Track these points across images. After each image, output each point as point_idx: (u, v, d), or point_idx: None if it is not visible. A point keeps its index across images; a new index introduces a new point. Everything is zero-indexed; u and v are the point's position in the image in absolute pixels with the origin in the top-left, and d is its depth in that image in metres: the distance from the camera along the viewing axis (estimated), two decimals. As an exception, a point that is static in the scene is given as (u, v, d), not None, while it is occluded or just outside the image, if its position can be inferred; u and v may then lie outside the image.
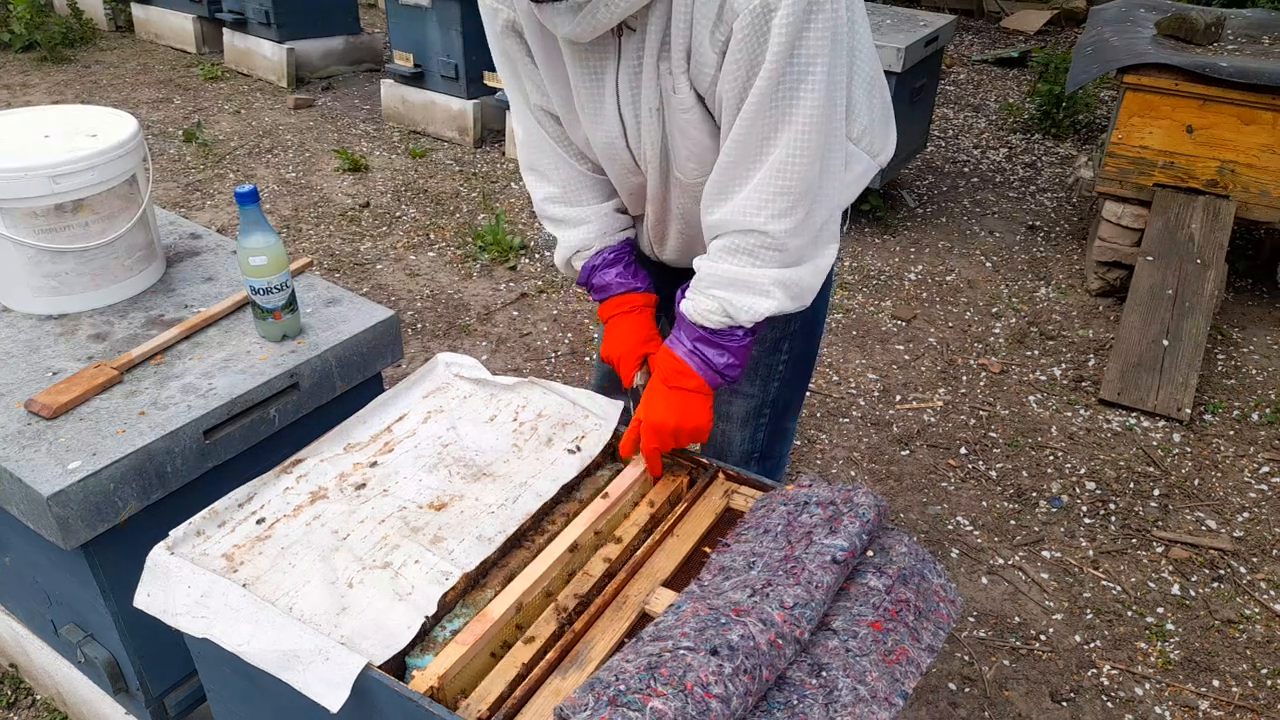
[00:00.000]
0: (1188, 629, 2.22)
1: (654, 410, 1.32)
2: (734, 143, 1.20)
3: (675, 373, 1.32)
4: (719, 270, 1.28)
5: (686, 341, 1.31)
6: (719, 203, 1.26)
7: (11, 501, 1.36)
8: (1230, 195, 3.31)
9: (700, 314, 1.29)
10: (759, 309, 1.27)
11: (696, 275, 1.31)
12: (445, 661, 1.06)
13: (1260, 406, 2.97)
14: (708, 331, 1.30)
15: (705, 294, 1.29)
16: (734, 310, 1.27)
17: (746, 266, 1.26)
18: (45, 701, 1.95)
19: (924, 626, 1.14)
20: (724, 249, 1.27)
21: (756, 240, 1.25)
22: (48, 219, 1.58)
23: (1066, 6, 7.06)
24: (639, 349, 1.45)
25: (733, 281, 1.27)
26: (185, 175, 4.49)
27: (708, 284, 1.29)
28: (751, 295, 1.27)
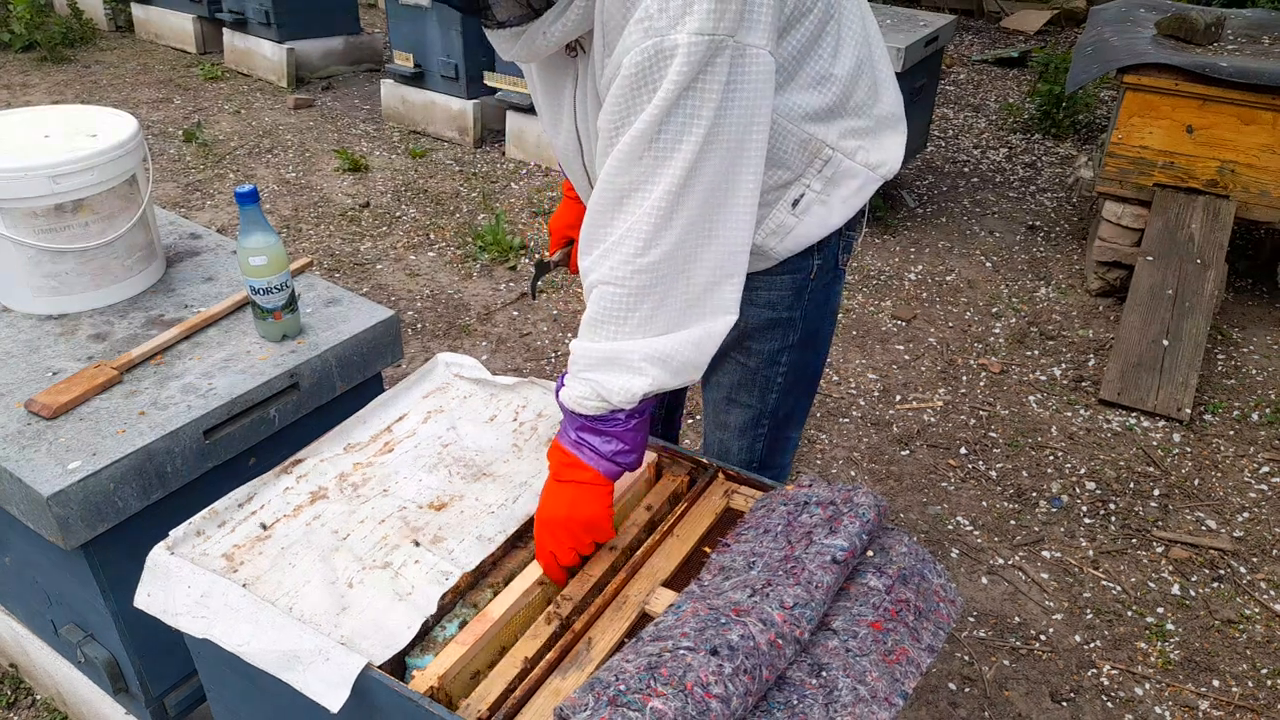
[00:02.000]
0: (1188, 629, 2.22)
1: (544, 505, 1.22)
2: (602, 187, 1.13)
3: (564, 465, 1.22)
4: (588, 350, 1.19)
5: (571, 432, 1.22)
6: (587, 250, 1.18)
7: (11, 501, 1.36)
8: (1230, 195, 3.31)
9: (576, 401, 1.20)
10: (634, 389, 1.16)
11: (571, 357, 1.23)
12: (445, 661, 1.06)
13: (1260, 406, 2.97)
14: (588, 419, 1.20)
15: (578, 378, 1.20)
16: (607, 393, 1.17)
17: (613, 339, 1.17)
18: (45, 701, 1.95)
19: (924, 626, 1.14)
20: (589, 321, 1.19)
21: (616, 298, 1.15)
22: (48, 219, 1.58)
23: (1066, 6, 7.06)
24: (567, 231, 1.65)
25: (602, 360, 1.17)
26: (185, 175, 4.49)
27: (579, 367, 1.20)
28: (624, 374, 1.17)
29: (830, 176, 1.35)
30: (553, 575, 1.21)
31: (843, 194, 1.37)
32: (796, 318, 1.46)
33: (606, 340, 1.17)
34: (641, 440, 1.23)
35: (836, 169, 1.34)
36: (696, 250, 1.14)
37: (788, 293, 1.43)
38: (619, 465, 1.22)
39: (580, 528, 1.21)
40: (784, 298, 1.44)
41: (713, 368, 1.59)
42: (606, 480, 1.22)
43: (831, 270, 1.45)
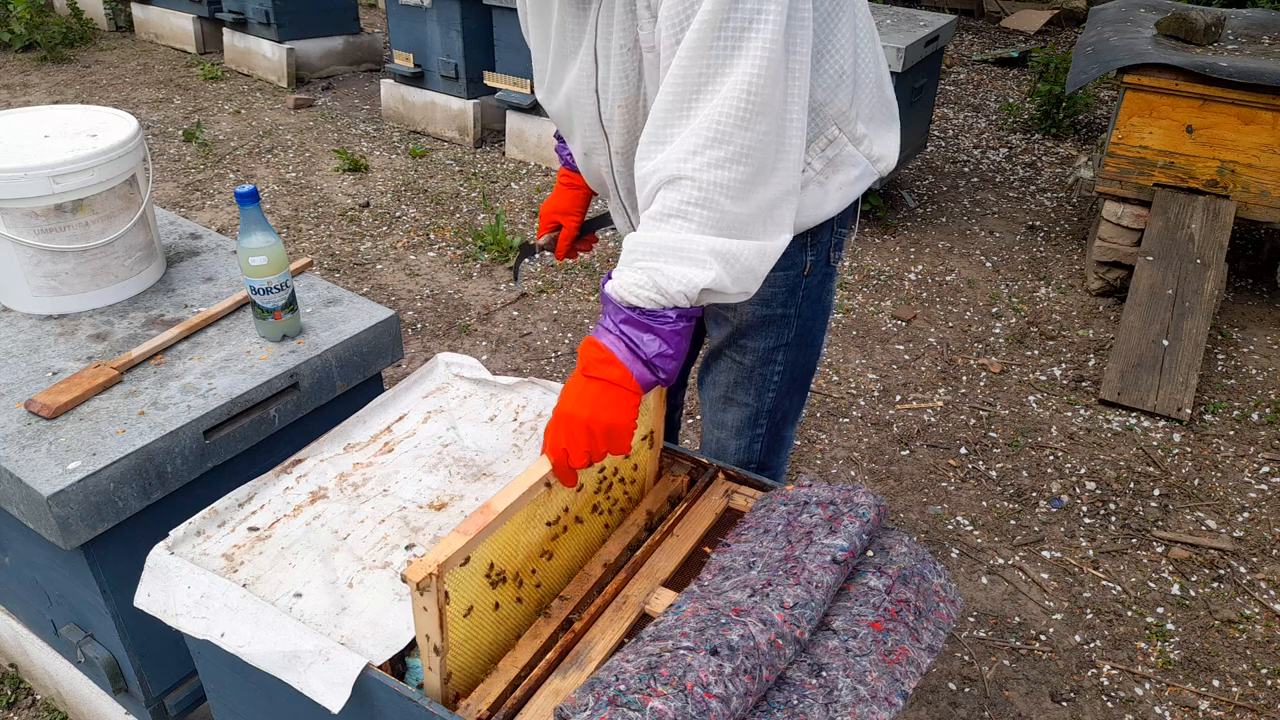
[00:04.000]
0: (1188, 629, 2.22)
1: (566, 399, 1.12)
2: (671, 82, 1.08)
3: (597, 360, 1.12)
4: (648, 239, 1.12)
5: (612, 324, 1.12)
6: (651, 152, 1.13)
7: (11, 501, 1.36)
8: (1230, 195, 3.31)
9: (626, 289, 1.11)
10: (694, 280, 1.09)
11: (624, 250, 1.15)
12: (445, 551, 0.98)
13: (1260, 406, 2.97)
14: (635, 312, 1.11)
15: (632, 267, 1.11)
16: (665, 281, 1.09)
17: (679, 231, 1.10)
18: (45, 701, 1.95)
19: (924, 626, 1.14)
20: (654, 215, 1.12)
21: (687, 194, 1.09)
22: (48, 219, 1.58)
23: (1066, 6, 7.06)
24: (556, 216, 1.67)
25: (664, 249, 1.10)
26: (185, 175, 4.49)
27: (635, 255, 1.12)
28: (686, 265, 1.09)
29: (832, 158, 1.35)
30: (561, 474, 1.11)
31: (840, 180, 1.37)
32: (791, 315, 1.46)
33: (671, 232, 1.10)
34: (683, 351, 1.14)
35: (839, 152, 1.34)
36: (778, 154, 1.10)
37: (781, 289, 1.44)
38: (656, 371, 1.12)
39: (601, 431, 1.10)
40: (778, 294, 1.44)
41: (709, 367, 1.60)
42: (638, 386, 1.12)
43: (824, 267, 1.46)
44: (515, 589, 1.14)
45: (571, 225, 1.68)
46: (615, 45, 1.20)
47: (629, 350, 1.11)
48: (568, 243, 1.70)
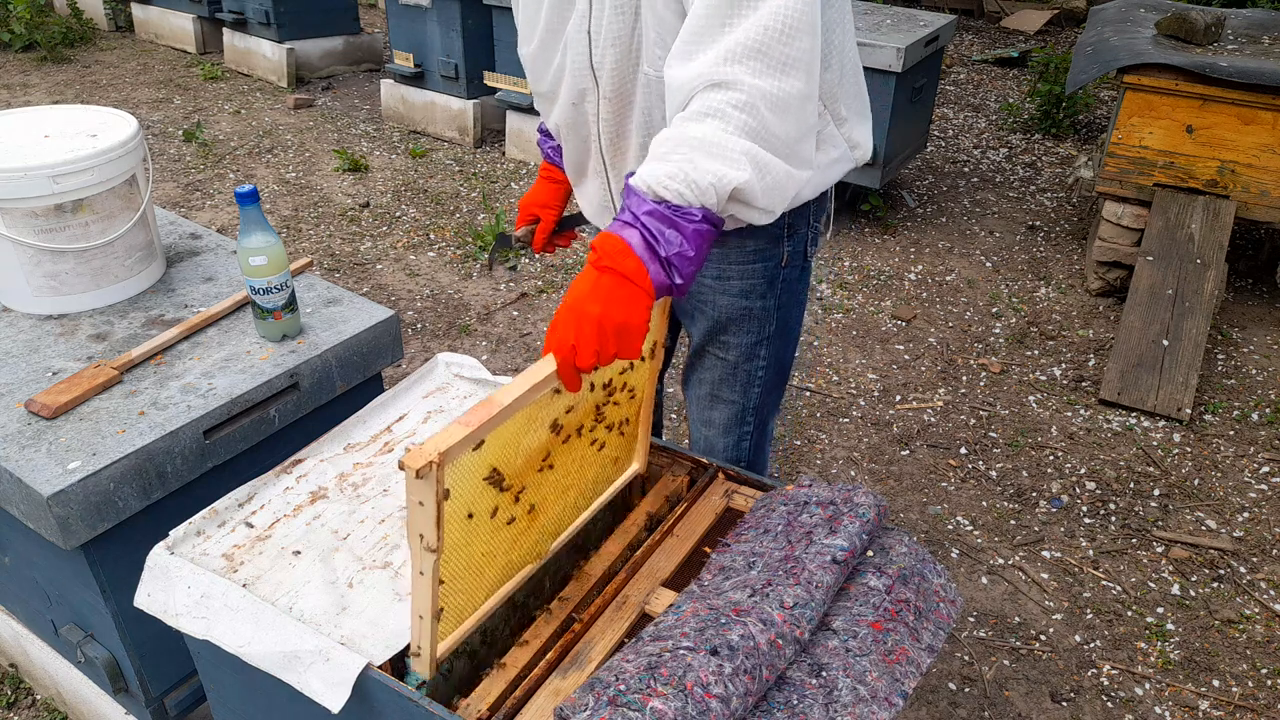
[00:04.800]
0: (1188, 629, 2.22)
1: (575, 292, 1.03)
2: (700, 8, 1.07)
3: (613, 252, 1.03)
4: (682, 132, 1.06)
5: (632, 216, 1.05)
6: (682, 61, 1.09)
7: (11, 501, 1.36)
8: (1230, 195, 3.31)
9: (655, 179, 1.04)
10: (727, 177, 1.04)
11: (654, 145, 1.09)
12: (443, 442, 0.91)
13: (1260, 406, 2.97)
14: (662, 205, 1.04)
15: (663, 159, 1.05)
16: (698, 174, 1.03)
17: (716, 130, 1.05)
18: (45, 701, 1.95)
19: (924, 626, 1.14)
20: (690, 115, 1.08)
21: (731, 96, 1.05)
22: (48, 219, 1.58)
23: (1066, 6, 7.06)
24: (535, 209, 1.70)
25: (699, 143, 1.05)
26: (185, 175, 4.49)
27: (667, 148, 1.06)
28: (720, 162, 1.04)
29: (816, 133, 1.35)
30: (565, 375, 1.02)
31: (821, 159, 1.38)
32: (771, 307, 1.48)
33: (708, 129, 1.06)
34: (702, 259, 1.06)
35: (823, 128, 1.35)
36: (810, 76, 1.08)
37: (760, 281, 1.45)
38: (672, 273, 1.04)
39: (612, 330, 1.01)
40: (757, 286, 1.46)
41: (693, 366, 1.61)
42: (652, 285, 1.03)
43: (801, 261, 1.48)
44: (511, 504, 1.08)
45: (550, 218, 1.70)
46: None
47: (648, 246, 1.03)
48: (545, 235, 1.71)
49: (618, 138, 1.38)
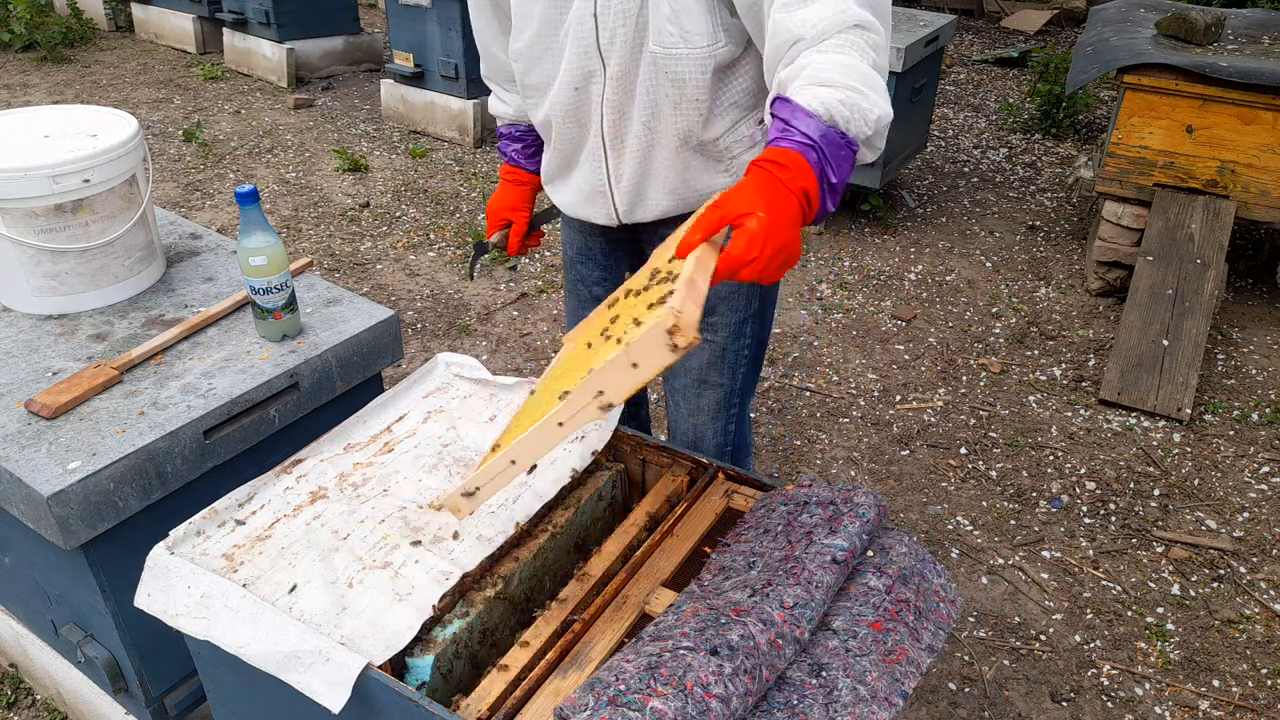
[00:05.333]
0: (1188, 629, 2.22)
1: (775, 209, 0.99)
2: None
3: (798, 172, 1.01)
4: (841, 60, 1.07)
5: (806, 136, 1.02)
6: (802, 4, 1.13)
7: (11, 501, 1.36)
8: (1230, 195, 3.31)
9: (830, 104, 1.03)
10: (886, 112, 1.06)
11: (807, 70, 1.08)
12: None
13: (1260, 406, 2.97)
14: (834, 129, 1.04)
15: (830, 85, 1.05)
16: (868, 104, 1.04)
17: (869, 65, 1.08)
18: (45, 701, 1.95)
19: (924, 626, 1.14)
20: (837, 47, 1.09)
21: (868, 38, 1.10)
22: (48, 219, 1.58)
23: (1066, 6, 7.06)
24: (505, 213, 1.74)
25: (864, 76, 1.06)
26: (185, 175, 4.49)
27: (832, 72, 1.06)
28: (880, 94, 1.06)
29: None
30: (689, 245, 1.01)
31: None
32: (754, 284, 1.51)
33: (864, 63, 1.09)
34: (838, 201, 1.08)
35: None
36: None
37: None
38: (825, 201, 1.05)
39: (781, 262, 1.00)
40: None
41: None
42: (810, 212, 1.03)
43: None
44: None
45: (521, 221, 1.74)
46: None
47: (819, 169, 1.03)
48: (519, 238, 1.76)
49: (620, 119, 1.42)
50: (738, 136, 1.44)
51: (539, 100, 1.50)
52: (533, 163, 1.72)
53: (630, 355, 0.94)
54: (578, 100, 1.44)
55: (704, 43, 1.32)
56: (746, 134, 1.44)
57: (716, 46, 1.32)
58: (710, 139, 1.43)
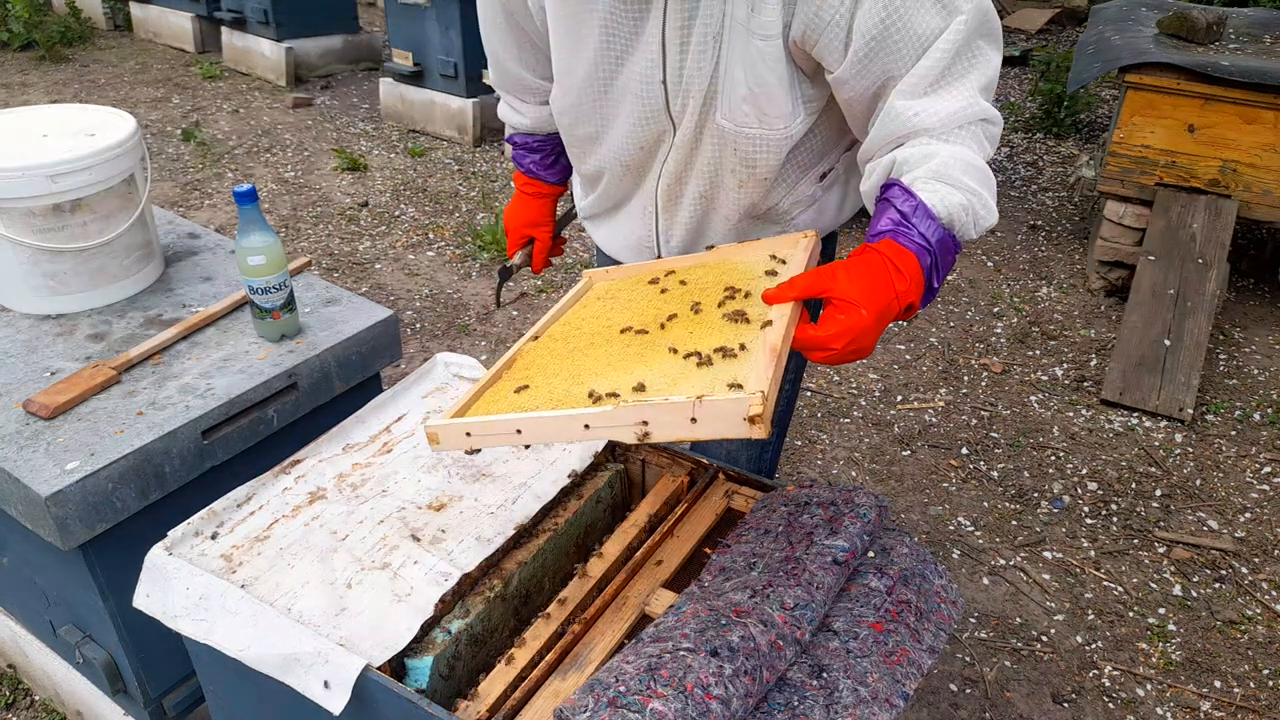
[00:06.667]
0: (1189, 630, 2.21)
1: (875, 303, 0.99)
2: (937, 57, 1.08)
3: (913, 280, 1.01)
4: (964, 155, 1.05)
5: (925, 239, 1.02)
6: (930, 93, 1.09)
7: (10, 502, 1.36)
8: (1232, 195, 3.31)
9: (953, 208, 1.03)
10: (994, 220, 1.07)
11: (930, 160, 1.06)
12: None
13: (1262, 406, 2.97)
14: (949, 234, 1.03)
15: (955, 184, 1.04)
16: (984, 211, 1.04)
17: (984, 157, 1.07)
18: (44, 702, 1.95)
19: (925, 627, 1.14)
20: (960, 136, 1.08)
21: (992, 131, 1.09)
22: (46, 219, 1.57)
23: (1067, 5, 7.05)
24: (526, 229, 1.63)
25: (980, 171, 1.05)
26: (183, 175, 4.48)
27: (957, 169, 1.04)
28: (992, 197, 1.06)
29: (851, 164, 1.37)
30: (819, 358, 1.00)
31: (854, 184, 1.40)
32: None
33: (983, 160, 1.07)
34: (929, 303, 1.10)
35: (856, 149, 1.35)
36: None
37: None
38: (918, 308, 1.05)
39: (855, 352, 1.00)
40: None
41: None
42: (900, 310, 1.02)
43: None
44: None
45: (545, 236, 1.64)
46: (697, 34, 1.15)
47: (926, 274, 1.03)
48: (544, 255, 1.67)
49: (677, 183, 1.33)
50: (797, 198, 1.36)
51: (587, 150, 1.40)
52: (552, 173, 1.60)
53: (695, 410, 0.90)
54: (642, 159, 1.35)
55: (782, 125, 1.20)
56: (806, 194, 1.36)
57: (794, 125, 1.21)
58: (770, 206, 1.35)
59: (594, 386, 1.03)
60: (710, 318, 1.11)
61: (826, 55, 1.12)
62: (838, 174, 1.38)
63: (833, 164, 1.36)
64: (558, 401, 1.03)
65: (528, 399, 1.07)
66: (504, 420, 1.01)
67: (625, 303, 1.26)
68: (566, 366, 1.12)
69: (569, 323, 1.26)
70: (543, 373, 1.13)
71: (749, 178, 1.27)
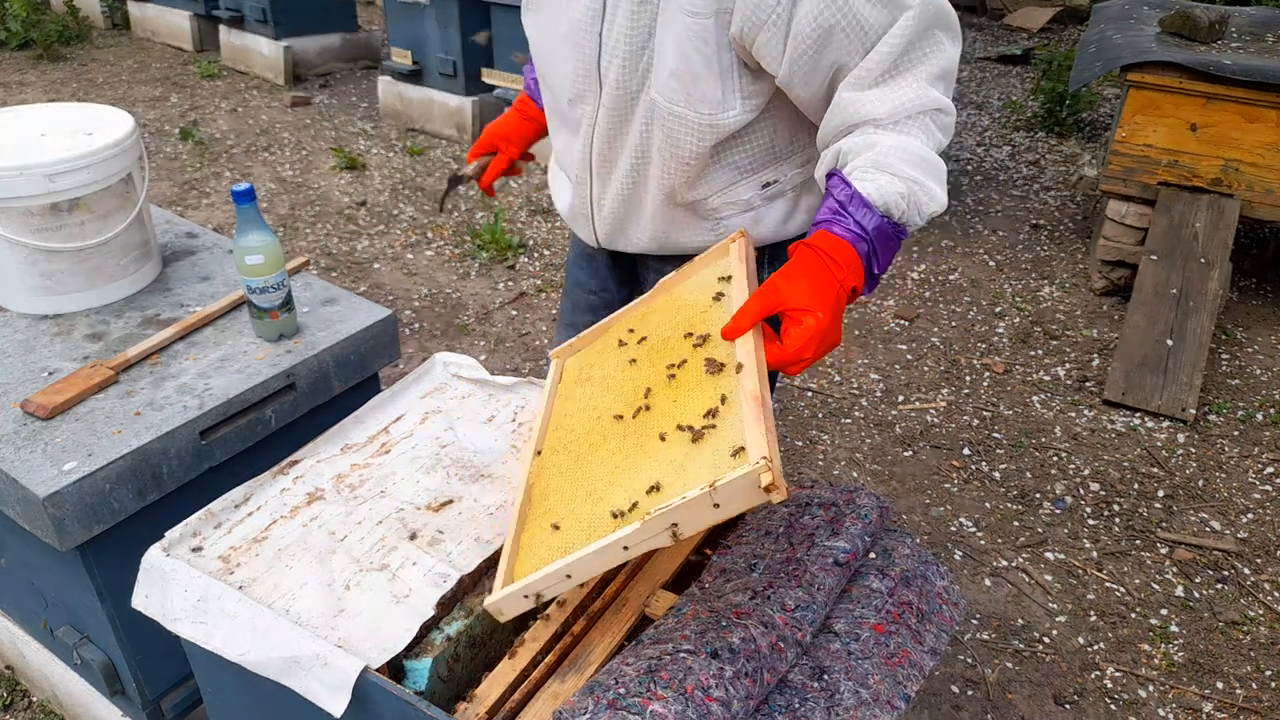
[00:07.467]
0: (1191, 631, 2.21)
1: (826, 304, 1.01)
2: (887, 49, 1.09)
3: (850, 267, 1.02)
4: (906, 144, 1.06)
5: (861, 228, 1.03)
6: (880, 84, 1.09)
7: (7, 502, 1.35)
8: (1234, 194, 3.30)
9: (890, 195, 1.03)
10: (938, 205, 1.07)
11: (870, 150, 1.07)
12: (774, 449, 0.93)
13: (1265, 406, 2.96)
14: (888, 221, 1.04)
15: (894, 173, 1.05)
16: (925, 197, 1.05)
17: (933, 148, 1.08)
18: (41, 704, 1.94)
19: (927, 629, 1.13)
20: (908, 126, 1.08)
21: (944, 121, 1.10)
22: (43, 218, 1.56)
23: (1070, 4, 7.05)
24: (497, 140, 1.61)
25: (925, 163, 1.06)
26: (181, 174, 4.47)
27: (897, 158, 1.05)
28: (938, 185, 1.07)
29: (807, 179, 1.36)
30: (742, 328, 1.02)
31: (808, 204, 1.39)
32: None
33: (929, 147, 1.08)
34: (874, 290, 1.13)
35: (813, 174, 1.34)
36: None
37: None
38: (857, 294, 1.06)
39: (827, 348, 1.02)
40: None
41: None
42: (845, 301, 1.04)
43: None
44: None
45: (509, 154, 1.62)
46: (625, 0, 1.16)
47: (867, 261, 1.04)
48: (497, 174, 1.63)
49: (609, 150, 1.32)
50: (730, 199, 1.34)
51: (543, 91, 1.42)
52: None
53: (715, 497, 0.91)
54: (571, 115, 1.34)
55: (708, 110, 1.19)
56: (743, 198, 1.34)
57: (723, 115, 1.19)
58: (697, 199, 1.33)
59: (612, 503, 1.04)
60: (687, 378, 1.11)
61: (766, 54, 1.13)
62: (783, 189, 1.35)
63: (780, 177, 1.34)
64: (589, 531, 1.03)
65: (563, 539, 1.06)
66: (553, 571, 1.01)
67: (601, 382, 1.25)
68: (578, 482, 1.12)
69: (560, 425, 1.25)
70: (561, 497, 1.12)
71: (671, 158, 1.26)
